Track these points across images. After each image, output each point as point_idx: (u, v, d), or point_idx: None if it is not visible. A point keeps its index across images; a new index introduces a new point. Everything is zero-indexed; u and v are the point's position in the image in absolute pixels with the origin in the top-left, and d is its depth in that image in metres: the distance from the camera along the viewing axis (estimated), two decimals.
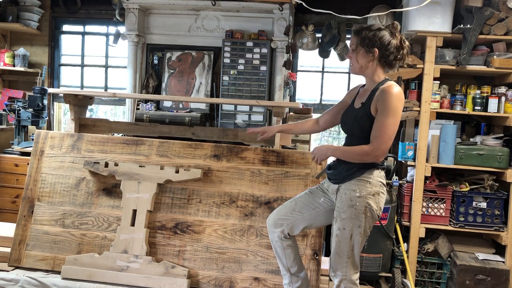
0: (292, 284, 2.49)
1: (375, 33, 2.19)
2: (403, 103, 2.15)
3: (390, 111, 2.09)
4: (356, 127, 2.24)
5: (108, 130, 3.42)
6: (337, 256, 2.25)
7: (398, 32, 2.23)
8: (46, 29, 4.74)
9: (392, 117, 2.09)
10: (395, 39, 2.20)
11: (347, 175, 2.22)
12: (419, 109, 3.64)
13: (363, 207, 2.17)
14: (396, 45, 2.20)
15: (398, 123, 2.13)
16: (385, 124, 2.09)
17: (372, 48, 2.19)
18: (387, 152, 2.16)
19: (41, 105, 4.25)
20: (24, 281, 2.73)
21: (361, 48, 2.22)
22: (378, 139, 2.11)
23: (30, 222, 2.98)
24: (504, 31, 3.50)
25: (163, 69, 4.40)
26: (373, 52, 2.19)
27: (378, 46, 2.18)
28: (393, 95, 2.10)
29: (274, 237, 2.43)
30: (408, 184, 3.73)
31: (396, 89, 2.12)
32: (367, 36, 2.19)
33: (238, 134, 3.26)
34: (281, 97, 4.13)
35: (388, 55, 2.20)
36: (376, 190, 2.19)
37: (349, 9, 3.74)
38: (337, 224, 2.23)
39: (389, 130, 2.10)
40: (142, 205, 2.87)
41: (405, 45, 2.22)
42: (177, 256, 2.82)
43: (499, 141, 3.61)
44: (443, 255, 3.62)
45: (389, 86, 2.14)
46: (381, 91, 2.14)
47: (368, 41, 2.19)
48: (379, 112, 2.13)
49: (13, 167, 4.07)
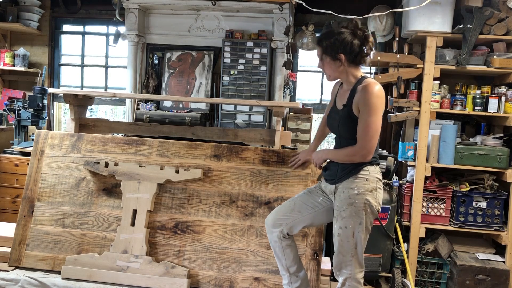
0: (292, 284, 2.49)
1: (336, 39, 2.18)
2: (383, 99, 2.15)
3: (371, 109, 2.11)
4: (342, 129, 2.28)
5: (108, 130, 3.42)
6: (340, 256, 2.25)
7: (360, 28, 2.20)
8: (46, 29, 4.74)
9: (374, 115, 2.11)
10: (356, 38, 2.18)
11: (343, 174, 2.24)
12: (419, 109, 3.64)
13: (363, 203, 2.19)
14: (360, 43, 2.18)
15: (380, 120, 2.14)
16: (368, 123, 2.12)
17: (337, 55, 2.19)
18: (374, 150, 2.17)
19: (41, 105, 4.25)
20: (24, 281, 2.73)
21: (327, 57, 2.23)
22: (362, 138, 2.14)
23: (30, 222, 2.98)
24: (504, 31, 3.50)
25: (163, 69, 4.40)
26: (339, 58, 2.20)
27: (342, 51, 2.18)
28: (372, 94, 2.11)
29: (273, 237, 2.44)
30: (408, 184, 3.73)
31: (375, 87, 2.13)
32: (328, 45, 2.20)
33: (238, 134, 3.26)
34: (281, 97, 4.13)
35: (354, 56, 2.19)
36: (373, 186, 2.22)
37: (349, 9, 3.74)
38: (338, 223, 2.24)
39: (372, 128, 2.12)
40: (142, 205, 2.87)
41: (368, 40, 2.20)
42: (177, 256, 2.82)
43: (499, 141, 3.61)
44: (443, 255, 3.62)
45: (367, 84, 2.15)
46: (361, 91, 2.15)
47: (331, 49, 2.19)
48: (361, 111, 2.15)
49: (13, 167, 4.07)
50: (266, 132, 3.23)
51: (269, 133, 3.19)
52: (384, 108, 2.16)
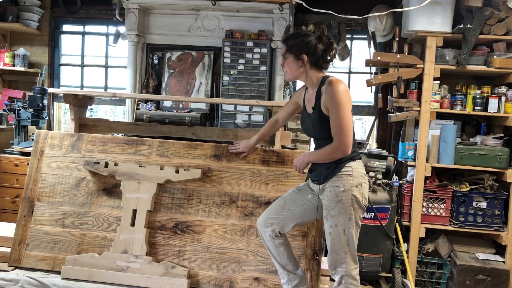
0: (290, 282, 2.50)
1: (302, 40, 2.27)
2: (348, 93, 2.21)
3: (339, 105, 2.16)
4: (317, 132, 2.32)
5: (108, 130, 3.42)
6: (334, 254, 2.28)
7: (326, 35, 2.30)
8: (46, 29, 4.74)
9: (342, 110, 2.16)
10: (321, 43, 2.27)
11: (327, 173, 2.28)
12: (419, 109, 3.64)
13: (350, 199, 2.23)
14: (324, 48, 2.27)
15: (350, 113, 2.19)
16: (339, 119, 2.17)
17: (300, 55, 2.27)
18: (352, 144, 2.23)
19: (41, 105, 4.25)
20: (24, 281, 2.73)
21: (290, 55, 2.31)
22: (338, 135, 2.19)
23: (30, 222, 2.97)
24: (504, 31, 3.50)
25: (163, 69, 4.40)
26: (302, 59, 2.28)
27: (305, 52, 2.26)
28: (337, 90, 2.17)
29: (266, 236, 2.48)
30: (408, 184, 3.73)
31: (338, 83, 2.19)
32: (294, 44, 2.29)
33: (238, 134, 3.26)
34: (281, 97, 4.13)
35: (317, 59, 2.28)
36: (358, 181, 2.26)
37: (349, 9, 3.74)
38: (328, 222, 2.28)
39: (344, 123, 2.17)
40: (142, 205, 2.86)
41: (332, 47, 2.30)
42: (177, 256, 2.82)
43: (499, 141, 3.61)
44: (443, 255, 3.62)
45: (331, 83, 2.21)
46: (326, 90, 2.22)
47: (296, 48, 2.28)
48: (330, 110, 2.20)
49: (13, 167, 4.07)
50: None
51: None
52: (351, 102, 2.22)
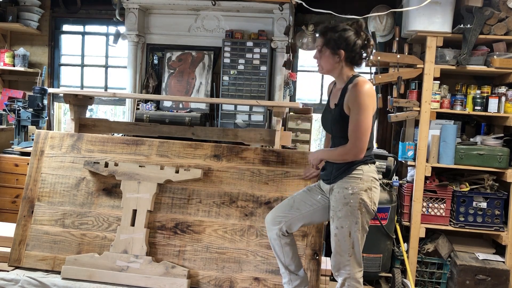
0: (292, 282, 2.49)
1: (341, 34, 2.20)
2: (373, 97, 2.17)
3: (361, 108, 2.12)
4: (335, 128, 2.29)
5: (108, 130, 3.42)
6: (338, 256, 2.26)
7: (363, 31, 2.24)
8: (46, 29, 4.74)
9: (363, 113, 2.12)
10: (360, 38, 2.21)
11: (337, 174, 2.25)
12: (419, 109, 3.64)
13: (357, 203, 2.19)
14: (361, 44, 2.21)
15: (370, 118, 2.15)
16: (358, 121, 2.13)
17: (338, 50, 2.21)
18: (366, 148, 2.18)
19: (41, 105, 4.25)
20: (24, 281, 2.73)
21: (327, 49, 2.24)
22: (353, 137, 2.15)
23: (30, 222, 2.97)
24: (504, 31, 3.50)
25: (163, 69, 4.40)
26: (339, 54, 2.21)
27: (343, 47, 2.20)
28: (362, 92, 2.12)
29: (273, 234, 2.45)
30: (408, 184, 3.73)
31: (364, 85, 2.15)
32: (332, 38, 2.21)
33: (238, 134, 3.26)
34: (281, 97, 4.13)
35: (353, 55, 2.22)
36: (368, 185, 2.22)
37: (349, 9, 3.73)
38: (334, 223, 2.25)
39: (362, 127, 2.12)
40: (142, 205, 2.86)
41: (369, 43, 2.23)
42: (177, 256, 2.82)
43: (499, 141, 3.61)
44: (443, 255, 3.62)
45: (357, 83, 2.16)
46: (351, 90, 2.17)
47: (334, 43, 2.21)
48: (351, 110, 2.16)
49: (13, 167, 4.07)
50: (266, 132, 3.23)
51: (269, 133, 3.19)
52: (375, 107, 2.18)
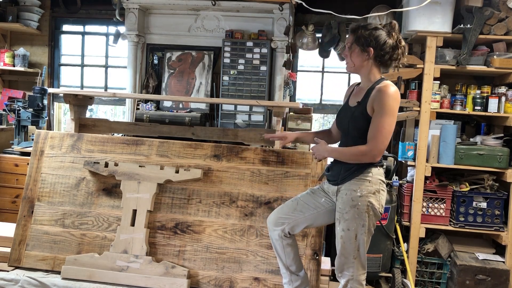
0: (292, 282, 2.49)
1: (371, 32, 2.18)
2: (399, 103, 2.15)
3: (387, 111, 2.10)
4: (352, 127, 2.24)
5: (108, 130, 3.42)
6: (343, 257, 2.24)
7: (396, 32, 2.21)
8: (46, 29, 4.74)
9: (389, 117, 2.10)
10: (391, 38, 2.19)
11: (346, 175, 2.21)
12: (419, 109, 3.64)
13: (365, 206, 2.16)
14: (392, 45, 2.19)
15: (394, 123, 2.13)
16: (382, 124, 2.10)
17: (367, 48, 2.18)
18: (384, 152, 2.17)
19: (41, 105, 4.24)
20: (24, 281, 2.73)
21: (356, 46, 2.22)
22: (374, 139, 2.11)
23: (30, 222, 2.97)
24: (504, 31, 3.50)
25: (163, 69, 4.40)
26: (368, 52, 2.19)
27: (373, 45, 2.18)
28: (390, 95, 2.10)
29: (275, 235, 2.44)
30: (408, 184, 3.73)
31: (392, 88, 2.12)
32: (363, 35, 2.19)
33: (238, 134, 3.26)
34: (281, 97, 4.13)
35: (383, 55, 2.19)
36: (376, 188, 2.19)
37: (349, 9, 3.73)
38: (341, 225, 2.22)
39: (386, 130, 2.10)
40: (142, 205, 2.87)
41: (401, 45, 2.21)
42: (177, 256, 2.82)
43: (499, 141, 3.61)
44: (443, 255, 3.62)
45: (385, 85, 2.14)
46: (377, 91, 2.14)
47: (364, 40, 2.19)
48: (376, 112, 2.13)
49: (13, 167, 4.07)
50: (266, 132, 3.23)
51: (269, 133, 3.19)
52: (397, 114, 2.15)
